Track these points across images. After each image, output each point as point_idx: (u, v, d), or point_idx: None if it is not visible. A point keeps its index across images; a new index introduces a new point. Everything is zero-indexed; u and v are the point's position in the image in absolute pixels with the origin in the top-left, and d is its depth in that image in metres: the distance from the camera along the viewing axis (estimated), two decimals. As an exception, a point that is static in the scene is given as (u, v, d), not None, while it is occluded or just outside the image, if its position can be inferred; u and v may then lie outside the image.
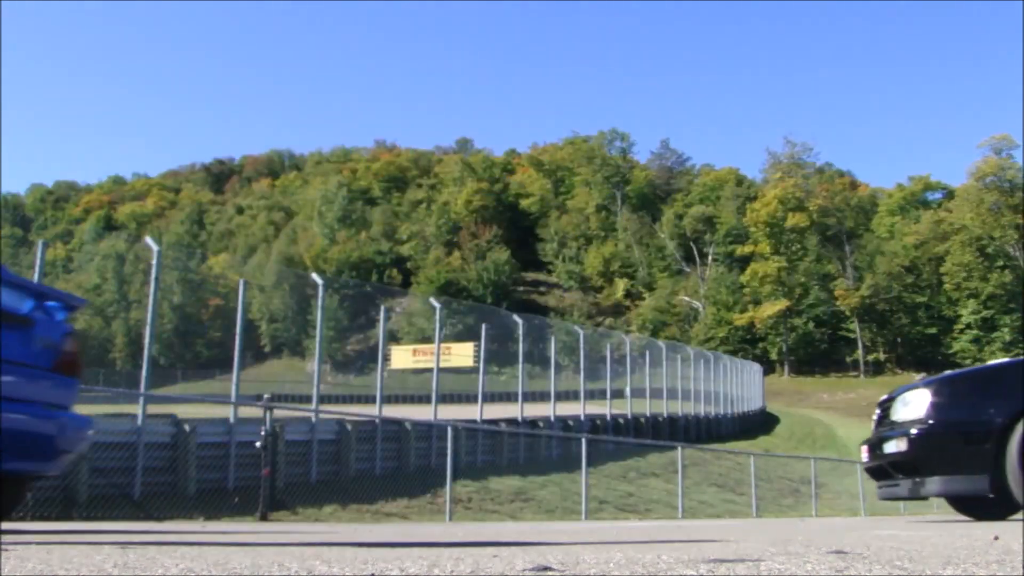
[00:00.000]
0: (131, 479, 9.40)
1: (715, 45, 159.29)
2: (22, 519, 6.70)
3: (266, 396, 11.16)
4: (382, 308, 17.24)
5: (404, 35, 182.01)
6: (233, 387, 11.09)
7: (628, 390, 25.62)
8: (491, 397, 22.81)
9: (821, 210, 71.72)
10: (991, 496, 4.77)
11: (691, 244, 75.47)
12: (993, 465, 4.52)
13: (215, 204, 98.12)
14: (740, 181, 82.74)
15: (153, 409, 10.61)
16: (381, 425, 13.47)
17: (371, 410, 14.37)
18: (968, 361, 62.44)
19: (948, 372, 5.66)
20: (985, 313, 62.51)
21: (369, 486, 11.33)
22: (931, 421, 4.80)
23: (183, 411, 11.02)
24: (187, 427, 10.20)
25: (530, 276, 79.17)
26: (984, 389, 4.87)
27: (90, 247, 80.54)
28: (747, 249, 71.20)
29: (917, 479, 4.89)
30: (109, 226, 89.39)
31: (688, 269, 74.84)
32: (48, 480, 8.57)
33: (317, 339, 14.06)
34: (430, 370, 20.65)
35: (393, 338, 59.27)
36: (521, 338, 19.27)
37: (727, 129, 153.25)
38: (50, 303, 3.11)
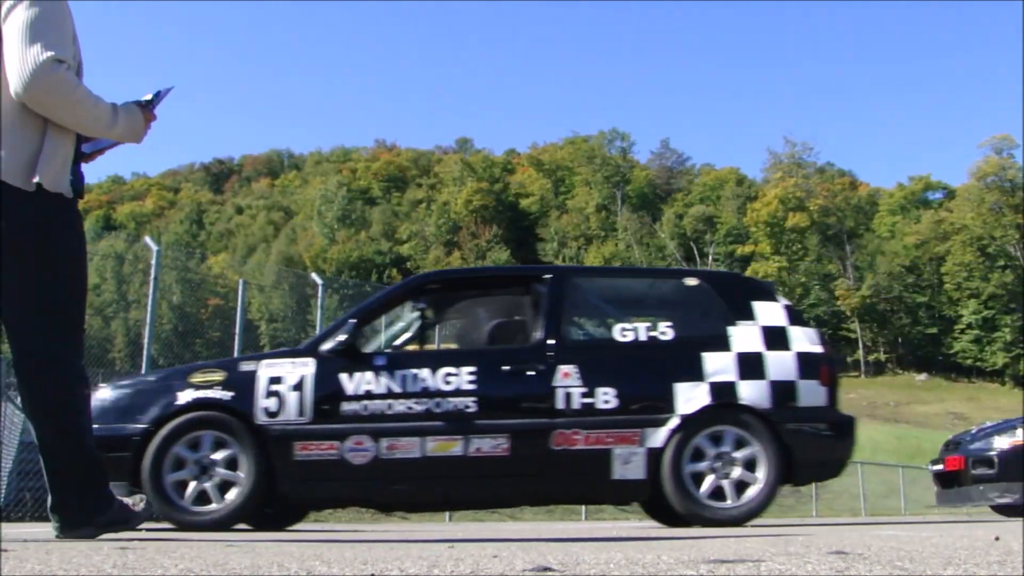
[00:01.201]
0: (131, 479, 9.38)
1: (715, 45, 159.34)
2: (22, 519, 6.71)
3: (266, 396, 11.12)
4: (382, 308, 17.17)
5: (404, 35, 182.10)
6: (233, 387, 11.06)
7: (628, 390, 25.60)
8: (491, 397, 22.77)
9: (822, 210, 71.80)
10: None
11: (691, 244, 75.55)
12: (132, 474, 4.13)
13: (214, 204, 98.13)
14: (740, 181, 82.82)
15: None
16: (381, 425, 13.45)
17: (371, 410, 14.33)
18: (969, 362, 62.57)
19: (128, 378, 5.10)
20: (986, 313, 62.57)
21: (369, 486, 11.30)
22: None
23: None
24: (187, 427, 10.17)
25: (530, 276, 79.19)
26: (136, 396, 4.42)
27: (89, 247, 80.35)
28: (747, 249, 71.28)
29: None
30: (108, 226, 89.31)
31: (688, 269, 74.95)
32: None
33: (317, 339, 14.04)
34: (430, 370, 20.64)
35: (393, 338, 59.17)
36: (521, 338, 19.25)
37: (727, 129, 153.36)
38: None
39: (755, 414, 4.38)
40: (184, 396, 4.27)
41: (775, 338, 4.58)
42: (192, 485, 4.18)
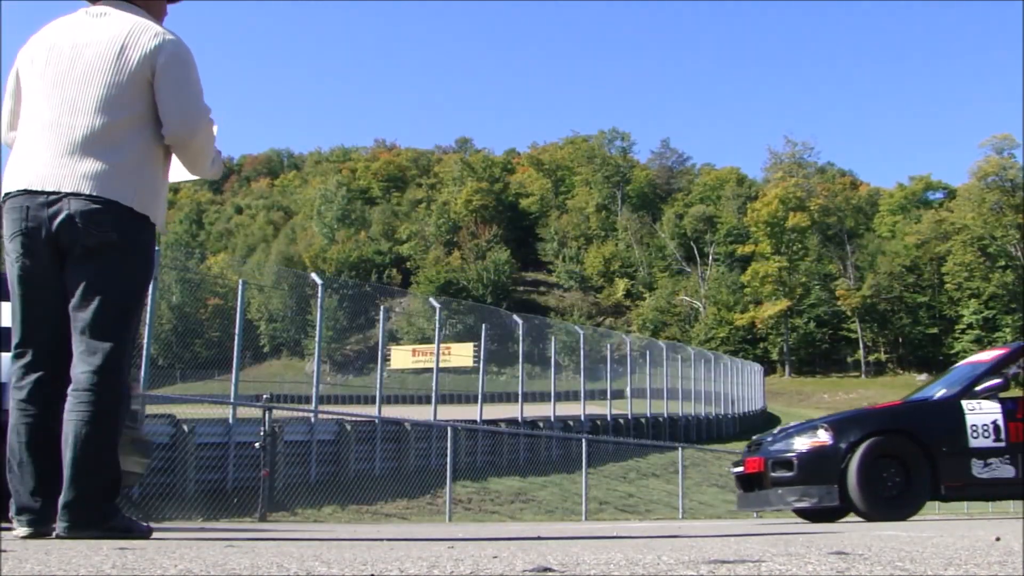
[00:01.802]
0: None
1: (715, 44, 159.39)
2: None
3: (265, 396, 11.16)
4: (382, 308, 17.25)
5: (404, 35, 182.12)
6: (232, 387, 11.08)
7: (628, 390, 25.61)
8: (491, 397, 22.80)
9: (822, 210, 71.73)
10: None
11: (692, 244, 75.50)
12: None
13: (214, 203, 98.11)
14: (741, 180, 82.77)
15: (152, 409, 10.59)
16: (380, 425, 13.46)
17: (371, 410, 14.37)
18: (968, 361, 62.59)
19: None
20: (987, 313, 62.52)
21: (368, 487, 11.32)
22: None
23: (182, 411, 11.02)
24: (186, 427, 10.19)
25: (530, 276, 79.18)
26: None
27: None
28: (748, 249, 71.20)
29: None
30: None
31: (688, 269, 74.86)
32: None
33: (316, 339, 14.06)
34: (430, 370, 20.66)
35: (393, 338, 59.25)
36: (521, 338, 19.28)
37: (728, 128, 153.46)
38: None
39: None
40: None
41: None
42: None
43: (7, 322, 2.86)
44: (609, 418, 22.45)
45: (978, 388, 6.58)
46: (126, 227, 2.72)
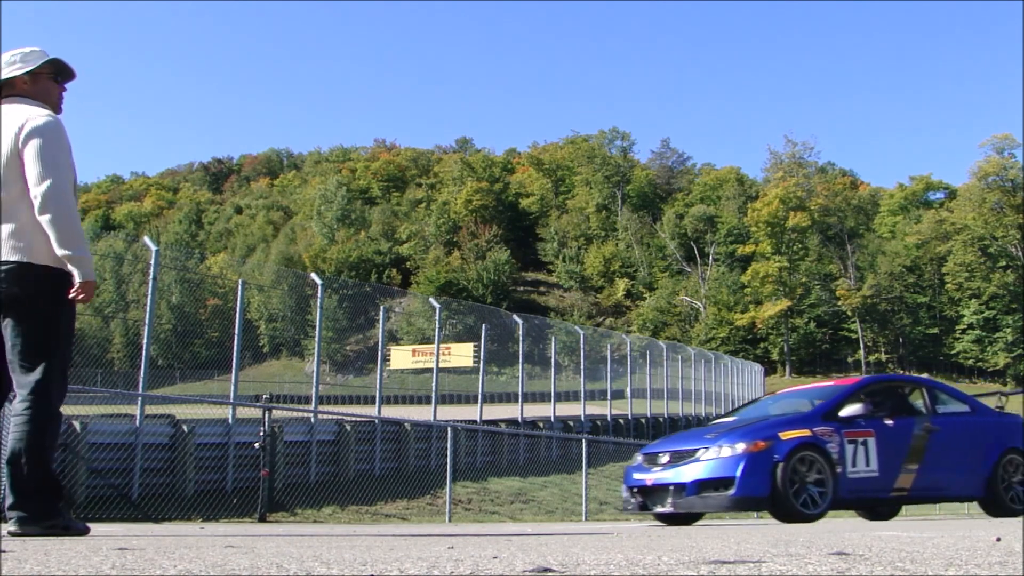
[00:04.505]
0: (129, 480, 9.38)
1: (715, 44, 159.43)
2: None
3: (265, 396, 11.15)
4: (381, 308, 17.21)
5: (404, 35, 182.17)
6: (232, 387, 11.07)
7: (629, 390, 25.59)
8: (491, 397, 22.79)
9: (822, 209, 71.67)
10: None
11: (692, 244, 75.46)
12: None
13: (213, 203, 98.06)
14: (741, 180, 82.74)
15: (151, 410, 10.59)
16: (380, 426, 13.45)
17: (370, 410, 14.36)
18: (970, 362, 62.52)
19: None
20: (987, 313, 62.48)
21: (368, 487, 11.32)
22: None
23: (181, 411, 11.02)
24: (185, 428, 10.18)
25: (530, 276, 79.14)
26: None
27: (88, 247, 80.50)
28: (748, 249, 71.14)
29: None
30: (107, 226, 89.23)
31: (689, 269, 74.82)
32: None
33: (316, 339, 14.05)
34: (430, 370, 20.64)
35: (392, 338, 59.23)
36: (521, 338, 19.26)
37: (728, 128, 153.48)
38: None
39: None
40: None
41: None
42: None
43: None
44: (609, 418, 22.43)
45: None
46: (30, 281, 3.23)
